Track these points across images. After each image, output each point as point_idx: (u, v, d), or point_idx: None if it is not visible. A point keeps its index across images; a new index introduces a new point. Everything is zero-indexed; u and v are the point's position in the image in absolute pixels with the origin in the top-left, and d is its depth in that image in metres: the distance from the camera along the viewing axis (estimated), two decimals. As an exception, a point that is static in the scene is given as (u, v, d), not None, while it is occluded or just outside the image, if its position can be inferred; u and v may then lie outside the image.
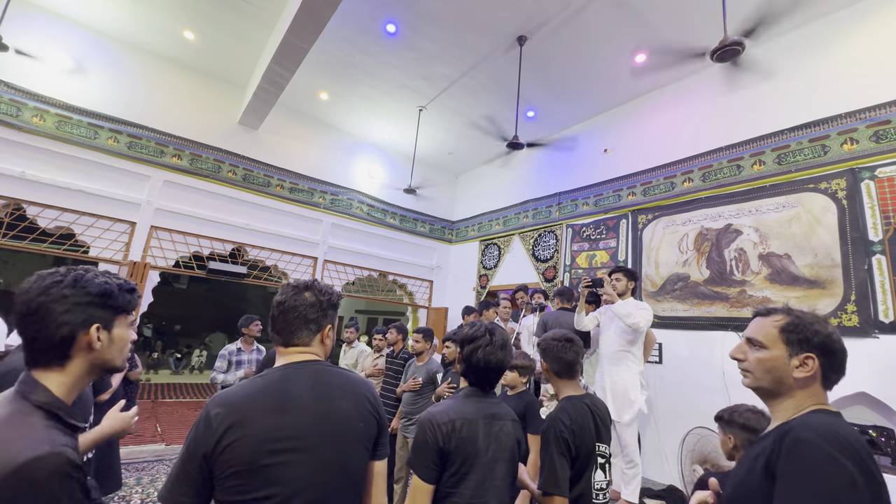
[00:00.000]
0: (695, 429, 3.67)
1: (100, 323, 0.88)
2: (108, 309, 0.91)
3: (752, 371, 1.04)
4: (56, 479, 0.74)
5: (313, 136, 6.76)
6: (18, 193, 4.52)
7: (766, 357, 1.01)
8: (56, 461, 0.75)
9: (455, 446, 1.30)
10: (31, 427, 0.78)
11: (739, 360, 1.08)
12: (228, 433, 0.94)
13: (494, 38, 4.54)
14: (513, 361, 2.29)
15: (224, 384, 3.77)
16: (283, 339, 1.12)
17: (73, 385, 0.88)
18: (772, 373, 1.00)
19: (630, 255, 4.96)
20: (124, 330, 0.95)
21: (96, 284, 0.89)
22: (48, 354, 0.85)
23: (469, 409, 1.38)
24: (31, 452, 0.73)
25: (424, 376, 3.29)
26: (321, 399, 1.06)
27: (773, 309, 1.08)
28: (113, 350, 0.92)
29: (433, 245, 8.06)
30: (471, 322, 1.55)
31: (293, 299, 1.13)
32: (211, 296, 17.97)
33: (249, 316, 4.10)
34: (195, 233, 5.56)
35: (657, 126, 5.07)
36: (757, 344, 1.04)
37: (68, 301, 0.85)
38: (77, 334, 0.85)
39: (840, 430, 0.86)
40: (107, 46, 5.17)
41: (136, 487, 3.49)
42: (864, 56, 3.56)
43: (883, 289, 3.18)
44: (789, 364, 0.98)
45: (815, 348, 0.97)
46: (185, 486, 0.94)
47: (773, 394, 1.02)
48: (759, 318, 1.10)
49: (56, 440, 0.78)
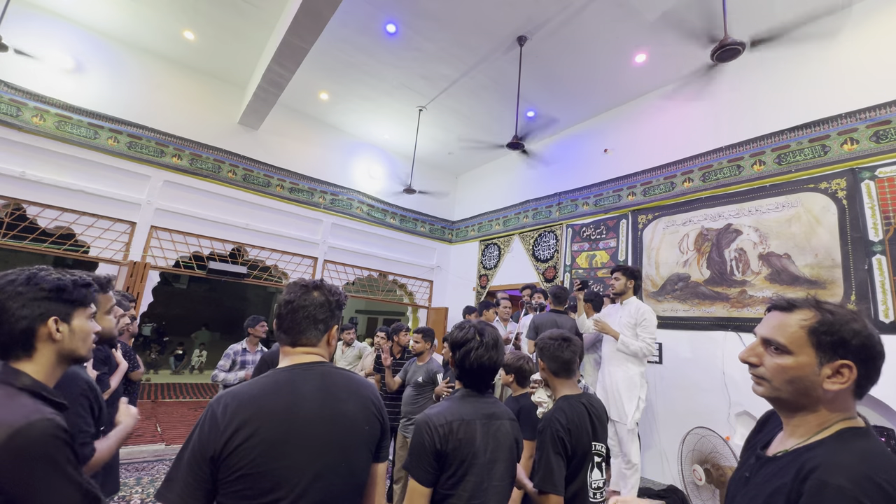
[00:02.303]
0: (695, 429, 3.66)
1: (57, 315, 0.95)
2: (63, 302, 0.97)
3: (769, 379, 0.85)
4: (50, 440, 0.81)
5: (313, 136, 6.76)
6: (18, 193, 4.52)
7: (790, 364, 0.82)
8: (48, 425, 0.82)
9: (452, 448, 1.29)
10: (21, 403, 0.85)
11: (752, 363, 0.89)
12: (237, 435, 0.92)
13: (494, 38, 4.54)
14: (504, 361, 2.31)
15: (225, 383, 3.77)
16: (291, 339, 1.10)
17: (46, 374, 0.95)
18: (795, 383, 0.81)
19: (630, 256, 4.95)
20: (84, 322, 1.02)
21: (49, 281, 0.96)
22: (13, 347, 0.92)
23: (466, 410, 1.37)
24: (25, 420, 0.80)
25: (424, 376, 3.29)
26: (328, 401, 1.05)
27: (797, 302, 0.86)
28: (75, 340, 0.99)
29: (433, 245, 8.06)
30: (459, 324, 1.52)
31: (302, 298, 1.11)
32: (211, 296, 17.99)
33: (256, 317, 4.09)
34: (195, 233, 5.57)
35: (657, 126, 5.06)
36: (778, 347, 0.84)
37: (23, 297, 0.92)
38: (36, 327, 0.93)
39: (875, 471, 0.69)
40: (107, 46, 5.17)
41: (136, 487, 3.49)
42: (864, 56, 3.56)
43: (883, 289, 3.18)
44: (819, 373, 0.79)
45: (851, 353, 0.78)
46: (194, 489, 0.91)
47: (793, 407, 0.84)
48: (777, 312, 0.88)
49: (45, 410, 0.85)
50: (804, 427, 0.83)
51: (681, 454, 3.72)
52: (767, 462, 0.87)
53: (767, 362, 0.86)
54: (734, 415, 3.63)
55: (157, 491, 0.94)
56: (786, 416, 0.88)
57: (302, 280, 1.17)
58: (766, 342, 0.87)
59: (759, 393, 0.89)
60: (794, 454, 0.81)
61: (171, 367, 11.39)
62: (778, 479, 0.80)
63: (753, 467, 0.90)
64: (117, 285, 4.84)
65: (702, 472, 3.40)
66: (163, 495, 0.92)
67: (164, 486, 0.93)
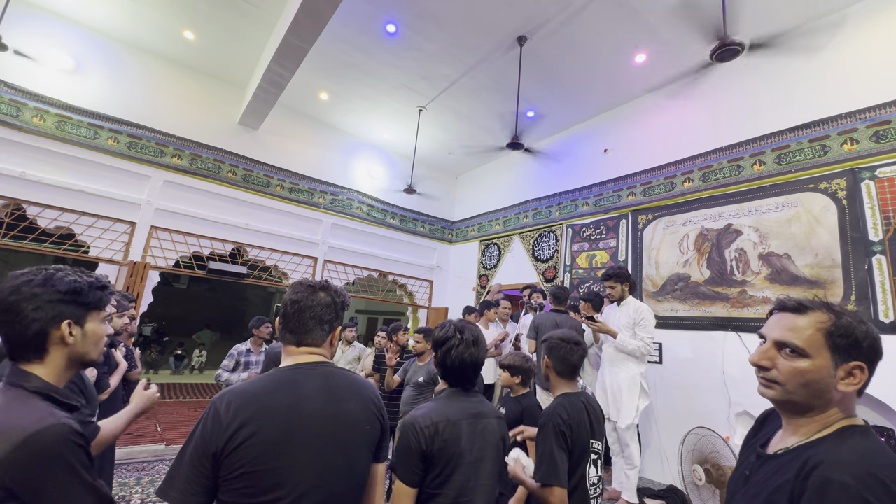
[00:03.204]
0: (695, 429, 3.66)
1: (71, 319, 0.93)
2: (78, 305, 0.95)
3: (783, 382, 0.83)
4: (64, 444, 0.80)
5: (313, 136, 6.76)
6: (18, 193, 4.52)
7: (808, 367, 0.81)
8: (62, 430, 0.81)
9: (438, 449, 1.29)
10: (33, 407, 0.84)
11: (765, 367, 0.87)
12: (240, 432, 0.92)
13: (494, 38, 4.54)
14: (503, 361, 2.33)
15: (228, 383, 3.78)
16: (296, 338, 1.11)
17: (56, 377, 0.93)
18: (811, 386, 0.81)
19: (630, 256, 4.95)
20: (97, 325, 0.99)
21: (66, 283, 0.93)
22: (25, 350, 0.90)
23: (451, 410, 1.38)
24: (39, 424, 0.79)
25: (425, 376, 3.29)
26: (331, 401, 1.05)
27: (807, 303, 0.86)
28: (87, 344, 0.97)
29: (433, 245, 8.06)
30: (440, 324, 1.54)
31: (310, 299, 1.11)
32: (211, 296, 17.98)
33: (260, 318, 4.09)
34: (195, 233, 5.57)
35: (657, 126, 5.06)
36: (794, 350, 0.83)
37: (39, 299, 0.89)
38: (49, 330, 0.90)
39: (878, 468, 0.70)
40: (107, 46, 5.17)
41: (136, 487, 3.48)
42: (864, 56, 3.55)
43: (883, 289, 3.18)
44: (835, 375, 0.80)
45: (863, 355, 0.79)
46: (196, 485, 0.91)
47: (803, 409, 0.83)
48: (787, 314, 0.87)
49: (59, 414, 0.84)
50: (808, 427, 0.83)
51: (681, 454, 3.72)
52: (768, 460, 0.87)
53: (782, 366, 0.84)
54: (734, 415, 3.63)
55: (159, 488, 0.93)
56: (792, 417, 0.87)
57: (308, 280, 1.17)
58: (781, 345, 0.85)
59: (769, 396, 0.87)
60: (796, 451, 0.81)
61: (171, 368, 11.39)
62: (779, 476, 0.80)
63: (753, 465, 0.90)
64: (117, 285, 4.84)
65: (702, 472, 3.40)
66: (164, 492, 0.92)
67: (166, 482, 0.92)
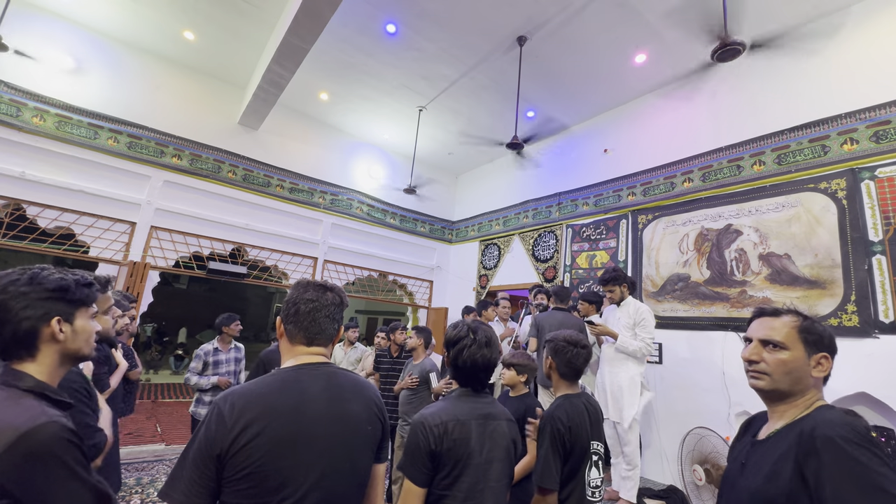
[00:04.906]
0: (695, 429, 3.67)
1: (60, 316, 0.94)
2: (66, 303, 0.96)
3: (770, 373, 1.04)
4: (57, 442, 0.81)
5: (313, 137, 6.76)
6: (18, 193, 4.52)
7: (789, 358, 1.02)
8: (55, 428, 0.81)
9: (447, 448, 1.29)
10: (26, 406, 0.84)
11: (754, 361, 1.07)
12: (245, 432, 0.92)
13: (494, 38, 4.54)
14: (511, 360, 2.30)
15: (198, 387, 3.62)
16: (308, 338, 1.11)
17: (49, 375, 0.93)
18: (792, 374, 1.02)
19: (630, 256, 4.95)
20: (87, 321, 1.01)
21: (52, 280, 0.95)
22: (16, 348, 0.91)
23: (461, 411, 1.37)
24: (32, 423, 0.79)
25: (419, 375, 3.29)
26: (334, 402, 1.05)
27: (780, 309, 1.09)
28: (78, 340, 0.98)
29: (433, 245, 8.06)
30: (453, 323, 1.53)
31: (323, 299, 1.12)
32: (211, 296, 17.98)
33: (231, 314, 3.89)
34: (195, 233, 5.57)
35: (657, 126, 5.06)
36: (777, 345, 1.04)
37: (27, 297, 0.90)
38: (39, 328, 0.91)
39: (855, 425, 0.90)
40: (107, 46, 5.17)
41: (136, 488, 3.49)
42: (864, 56, 3.55)
43: (883, 289, 3.18)
44: (809, 363, 1.02)
45: (826, 348, 1.02)
46: (199, 487, 0.90)
47: (786, 395, 1.03)
48: (766, 318, 1.09)
49: (52, 412, 0.85)
50: (792, 411, 1.02)
51: (681, 454, 3.72)
52: (761, 444, 1.04)
53: (768, 358, 1.05)
54: (734, 415, 3.63)
55: (161, 489, 0.93)
56: (776, 404, 1.06)
57: (314, 280, 1.18)
58: (765, 342, 1.06)
59: (759, 386, 1.06)
60: (788, 428, 0.99)
61: (171, 368, 11.39)
62: (778, 449, 0.97)
63: (749, 453, 1.06)
64: (117, 285, 4.84)
65: (702, 472, 3.40)
66: (167, 494, 0.91)
67: (169, 484, 0.92)
